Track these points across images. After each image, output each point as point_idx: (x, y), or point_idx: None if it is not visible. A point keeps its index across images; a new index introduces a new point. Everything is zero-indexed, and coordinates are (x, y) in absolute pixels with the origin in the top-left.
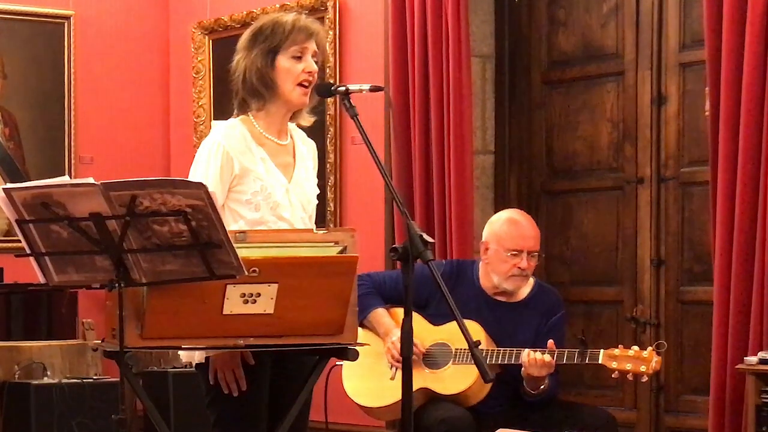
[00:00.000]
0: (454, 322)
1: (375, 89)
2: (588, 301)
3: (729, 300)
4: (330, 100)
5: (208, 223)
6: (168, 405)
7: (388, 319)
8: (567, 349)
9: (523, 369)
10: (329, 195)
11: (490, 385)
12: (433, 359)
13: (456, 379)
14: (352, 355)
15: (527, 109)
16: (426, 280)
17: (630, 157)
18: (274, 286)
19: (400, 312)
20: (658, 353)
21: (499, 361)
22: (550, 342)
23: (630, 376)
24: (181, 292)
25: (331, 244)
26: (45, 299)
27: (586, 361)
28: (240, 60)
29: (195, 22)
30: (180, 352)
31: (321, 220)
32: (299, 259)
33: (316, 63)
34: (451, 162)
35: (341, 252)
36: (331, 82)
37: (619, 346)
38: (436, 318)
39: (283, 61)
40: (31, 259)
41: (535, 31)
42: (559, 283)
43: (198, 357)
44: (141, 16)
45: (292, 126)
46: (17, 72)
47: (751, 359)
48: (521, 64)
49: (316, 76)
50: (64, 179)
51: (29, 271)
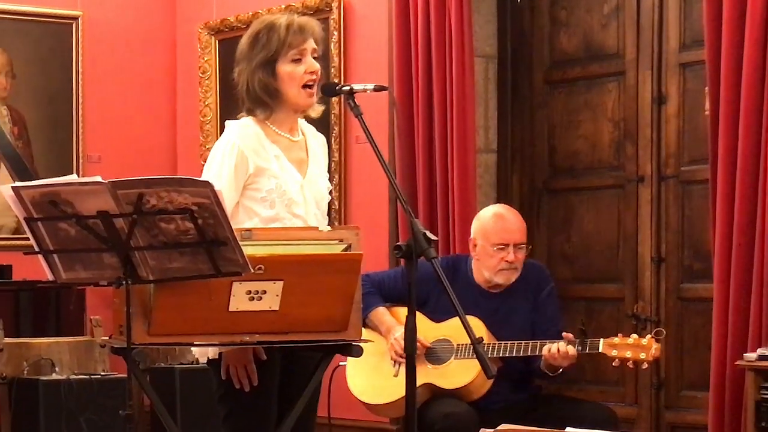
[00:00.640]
0: (455, 318)
1: (379, 89)
2: (589, 298)
3: (728, 297)
4: (335, 100)
5: (215, 221)
6: (174, 401)
7: (389, 317)
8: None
9: (543, 358)
10: (334, 193)
11: (493, 380)
12: (435, 355)
13: (459, 373)
14: (356, 352)
15: (529, 109)
16: (425, 278)
17: (631, 155)
18: (280, 284)
19: (400, 310)
20: (657, 341)
21: (521, 354)
22: (566, 334)
23: (630, 364)
24: (187, 289)
25: (336, 242)
26: (53, 296)
27: (587, 350)
28: (241, 71)
29: (201, 22)
30: (193, 348)
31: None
32: (304, 256)
33: (317, 59)
34: (455, 161)
35: (346, 250)
36: (336, 81)
37: (619, 335)
38: (436, 315)
39: (283, 67)
40: (40, 256)
41: (537, 31)
42: (560, 280)
43: (211, 353)
44: (148, 17)
45: (302, 122)
46: (26, 71)
47: (751, 356)
48: (523, 64)
49: (319, 73)
50: (72, 178)
51: (38, 269)
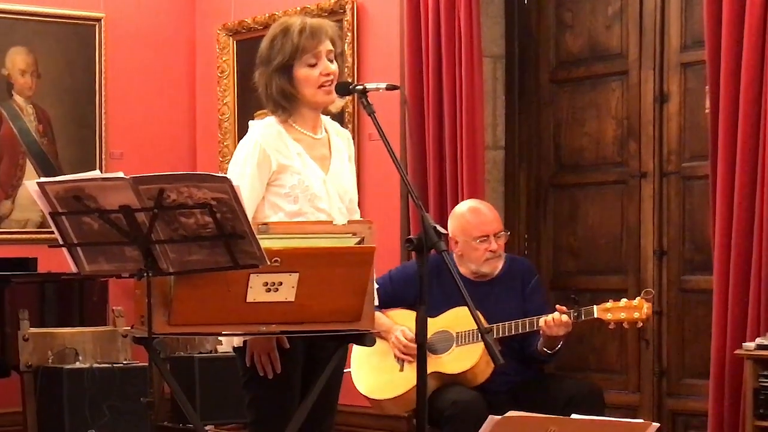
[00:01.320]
0: (451, 311)
1: (391, 88)
2: (594, 290)
3: (728, 288)
4: (348, 98)
5: (233, 215)
6: (194, 388)
7: (385, 319)
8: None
9: (542, 333)
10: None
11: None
12: (437, 347)
13: (462, 358)
14: (369, 341)
15: (536, 107)
16: (413, 278)
17: (634, 152)
18: (295, 275)
19: (393, 313)
20: (648, 300)
21: (516, 332)
22: (560, 306)
23: (626, 325)
24: (206, 281)
25: (349, 236)
26: (77, 288)
27: (582, 317)
28: (260, 75)
29: (220, 24)
30: (221, 338)
31: None
32: (319, 249)
33: (333, 60)
34: (464, 157)
35: (359, 243)
36: (349, 81)
37: (609, 300)
38: (430, 311)
39: (299, 71)
40: (64, 249)
41: (543, 32)
42: (566, 272)
43: (236, 341)
44: (168, 19)
45: (326, 119)
46: (51, 71)
47: (749, 345)
48: (530, 64)
49: (335, 73)
50: (95, 173)
51: (62, 261)
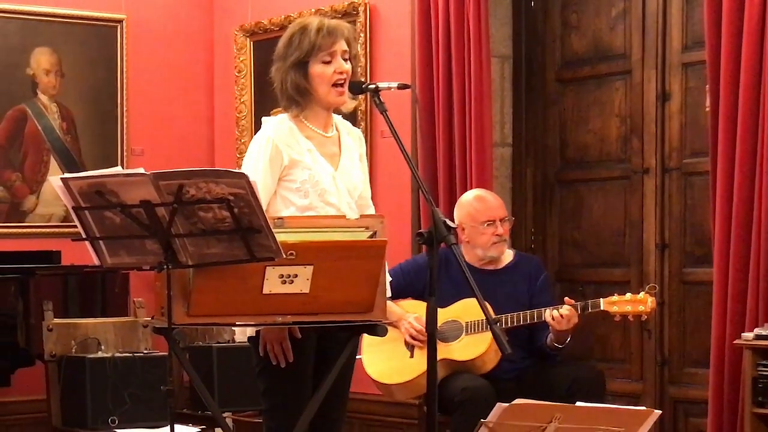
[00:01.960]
0: (460, 302)
1: (402, 87)
2: (598, 282)
3: (727, 280)
4: (361, 97)
5: (249, 209)
6: (212, 377)
7: (396, 308)
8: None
9: (551, 328)
10: (363, 187)
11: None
12: (447, 335)
13: (471, 346)
14: (381, 331)
15: (542, 105)
16: (414, 272)
17: (637, 149)
18: (310, 268)
19: (404, 303)
20: (651, 294)
21: (522, 323)
22: (567, 299)
23: (631, 317)
24: (224, 273)
25: (362, 230)
26: (99, 280)
27: (589, 310)
28: (276, 71)
29: (237, 25)
30: (235, 328)
31: None
32: (333, 243)
33: (348, 60)
34: (473, 154)
35: (371, 236)
36: (362, 80)
37: (615, 293)
38: (440, 302)
39: (314, 68)
40: (87, 243)
41: (549, 33)
42: (571, 265)
43: (249, 331)
44: (188, 20)
45: (338, 119)
46: (74, 71)
47: (748, 335)
48: (537, 63)
49: (349, 73)
50: (117, 169)
51: (85, 254)
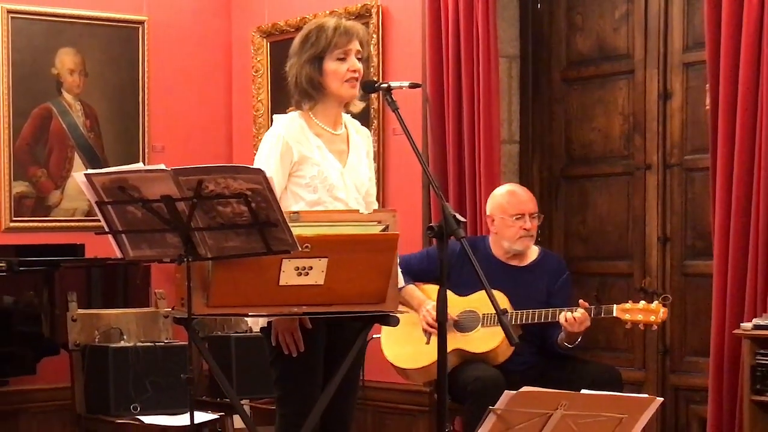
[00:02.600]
0: (480, 292)
1: (413, 86)
2: (602, 274)
3: (727, 273)
4: (374, 96)
5: (266, 204)
6: (230, 365)
7: (419, 293)
8: (587, 307)
9: (563, 328)
10: (369, 183)
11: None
12: (463, 325)
13: (485, 339)
14: (393, 321)
15: (548, 104)
16: (448, 257)
17: (639, 146)
18: (325, 261)
19: (427, 287)
20: (665, 305)
21: (536, 321)
22: (582, 302)
23: (641, 326)
24: (242, 266)
25: (375, 223)
26: (122, 272)
27: (602, 315)
28: (291, 66)
29: (254, 26)
30: (247, 318)
31: None
32: (347, 236)
33: (360, 60)
34: (481, 150)
35: (384, 230)
36: (375, 79)
37: (629, 301)
38: (461, 289)
39: (329, 64)
40: (110, 236)
41: (555, 34)
42: (576, 257)
43: (261, 321)
44: (207, 22)
45: (347, 117)
46: (97, 70)
47: (747, 325)
48: (543, 63)
49: (361, 72)
50: (139, 166)
51: (108, 247)
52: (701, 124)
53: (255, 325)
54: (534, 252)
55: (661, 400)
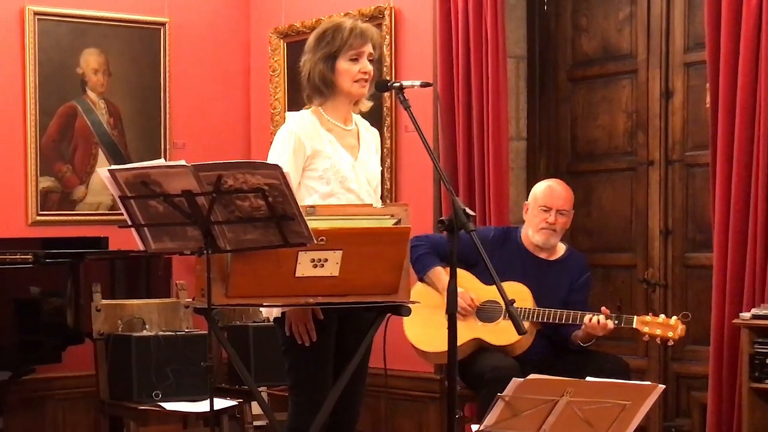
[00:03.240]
0: (505, 283)
1: (425, 85)
2: (606, 266)
3: (726, 264)
4: (387, 94)
5: (283, 199)
6: (248, 354)
7: (445, 276)
8: (608, 314)
9: (584, 328)
10: (386, 175)
11: (533, 337)
12: (485, 314)
13: (506, 332)
14: (405, 312)
15: (554, 102)
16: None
17: (642, 142)
18: (339, 253)
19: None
20: (684, 322)
21: (560, 321)
22: (604, 309)
23: (658, 340)
24: (260, 258)
25: (388, 217)
26: (144, 264)
27: (622, 324)
28: (306, 62)
29: (272, 27)
30: (261, 309)
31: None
32: (360, 229)
33: (371, 62)
34: (490, 147)
35: (396, 224)
36: (388, 79)
37: (650, 313)
38: (487, 277)
39: (342, 64)
40: (132, 229)
41: (561, 35)
42: (581, 249)
43: (276, 312)
44: (226, 23)
45: (357, 117)
46: (121, 70)
47: (746, 315)
48: (549, 63)
49: (371, 74)
50: (160, 161)
51: (131, 240)
52: (702, 122)
53: (269, 315)
54: (561, 249)
55: (663, 387)
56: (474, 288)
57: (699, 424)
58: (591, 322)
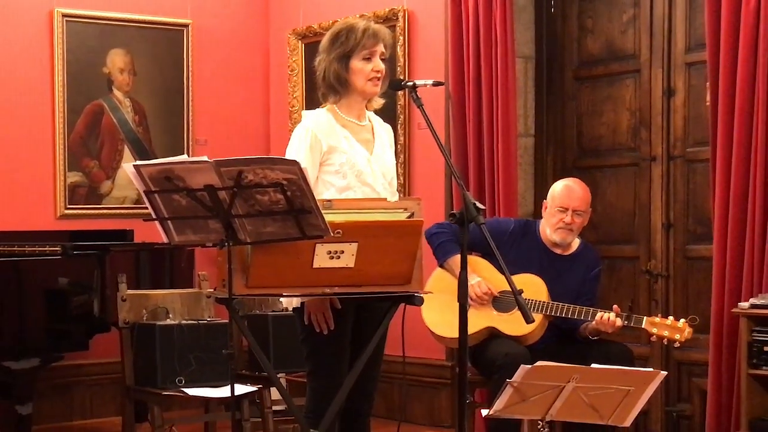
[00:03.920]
0: (523, 275)
1: (437, 84)
2: (610, 257)
3: (726, 256)
4: (400, 93)
5: (301, 193)
6: (267, 342)
7: None
8: (619, 313)
9: (593, 324)
10: (400, 170)
11: (545, 329)
12: (501, 304)
13: (519, 322)
14: (418, 301)
15: (561, 100)
16: (494, 235)
17: (645, 139)
18: (355, 245)
19: (474, 259)
20: (691, 325)
21: (574, 317)
22: (616, 307)
23: (665, 341)
24: (278, 250)
25: (401, 211)
26: (167, 255)
27: (632, 324)
28: (321, 61)
29: (290, 29)
30: (281, 299)
31: None
32: (375, 222)
33: (384, 60)
34: (499, 143)
35: (409, 217)
36: (402, 78)
37: (659, 315)
38: (507, 267)
39: (355, 63)
40: (156, 222)
41: (567, 36)
42: (587, 242)
43: (295, 302)
44: (246, 24)
45: (371, 114)
46: (145, 69)
47: (744, 304)
48: (556, 63)
49: (384, 72)
50: (183, 157)
51: (155, 233)
52: (702, 120)
53: (289, 304)
54: (576, 243)
55: (665, 373)
56: (492, 278)
57: (699, 408)
58: (602, 319)
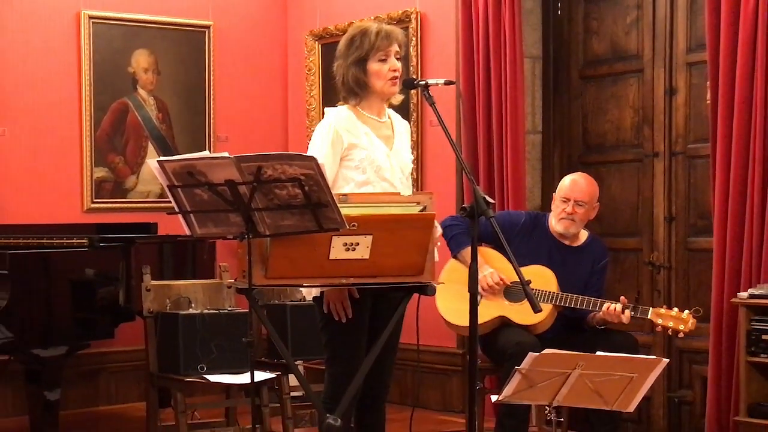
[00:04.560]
0: (533, 267)
1: (448, 83)
2: (615, 249)
3: (725, 248)
4: (413, 91)
5: (318, 188)
6: (286, 330)
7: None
8: (626, 304)
9: (600, 314)
10: (413, 166)
11: (554, 318)
12: (513, 294)
13: (530, 312)
14: (430, 291)
15: (567, 99)
16: (506, 227)
17: (648, 136)
18: (370, 237)
19: (486, 251)
20: (695, 317)
21: (581, 307)
22: (623, 298)
23: (670, 332)
24: (296, 242)
25: (414, 204)
26: (190, 247)
27: (638, 315)
28: (338, 67)
29: (307, 30)
30: (302, 288)
31: None
32: (389, 215)
33: (399, 59)
34: (508, 140)
35: (422, 210)
36: (414, 77)
37: (664, 306)
38: (520, 259)
39: (372, 65)
40: (179, 216)
41: (573, 37)
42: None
43: (315, 291)
44: (265, 26)
45: (390, 110)
46: (169, 69)
47: (743, 294)
48: (563, 63)
49: (400, 70)
50: (205, 153)
51: (178, 226)
52: (702, 117)
53: (308, 294)
54: (584, 235)
55: (667, 361)
56: (504, 268)
57: (700, 395)
58: (609, 310)
